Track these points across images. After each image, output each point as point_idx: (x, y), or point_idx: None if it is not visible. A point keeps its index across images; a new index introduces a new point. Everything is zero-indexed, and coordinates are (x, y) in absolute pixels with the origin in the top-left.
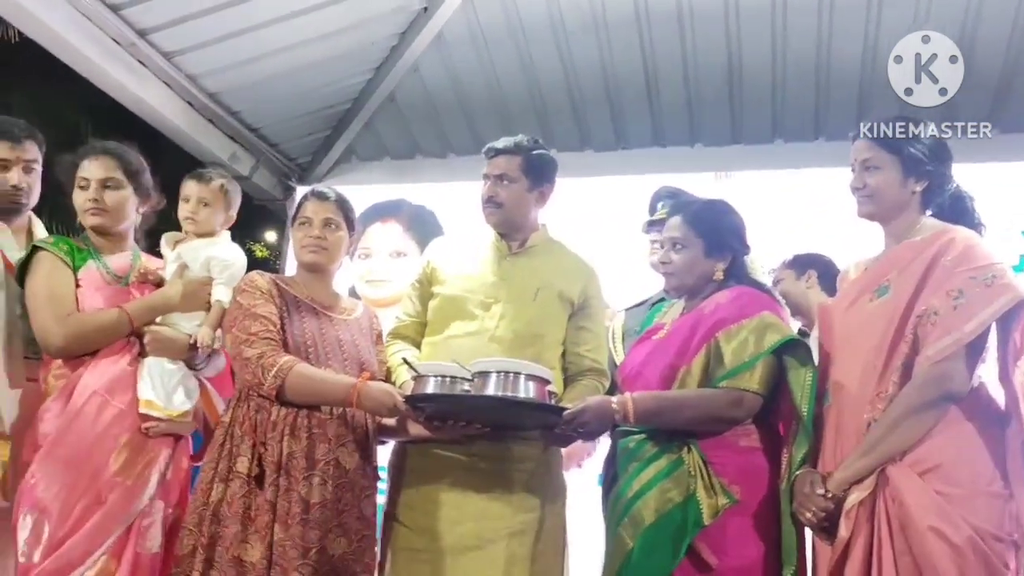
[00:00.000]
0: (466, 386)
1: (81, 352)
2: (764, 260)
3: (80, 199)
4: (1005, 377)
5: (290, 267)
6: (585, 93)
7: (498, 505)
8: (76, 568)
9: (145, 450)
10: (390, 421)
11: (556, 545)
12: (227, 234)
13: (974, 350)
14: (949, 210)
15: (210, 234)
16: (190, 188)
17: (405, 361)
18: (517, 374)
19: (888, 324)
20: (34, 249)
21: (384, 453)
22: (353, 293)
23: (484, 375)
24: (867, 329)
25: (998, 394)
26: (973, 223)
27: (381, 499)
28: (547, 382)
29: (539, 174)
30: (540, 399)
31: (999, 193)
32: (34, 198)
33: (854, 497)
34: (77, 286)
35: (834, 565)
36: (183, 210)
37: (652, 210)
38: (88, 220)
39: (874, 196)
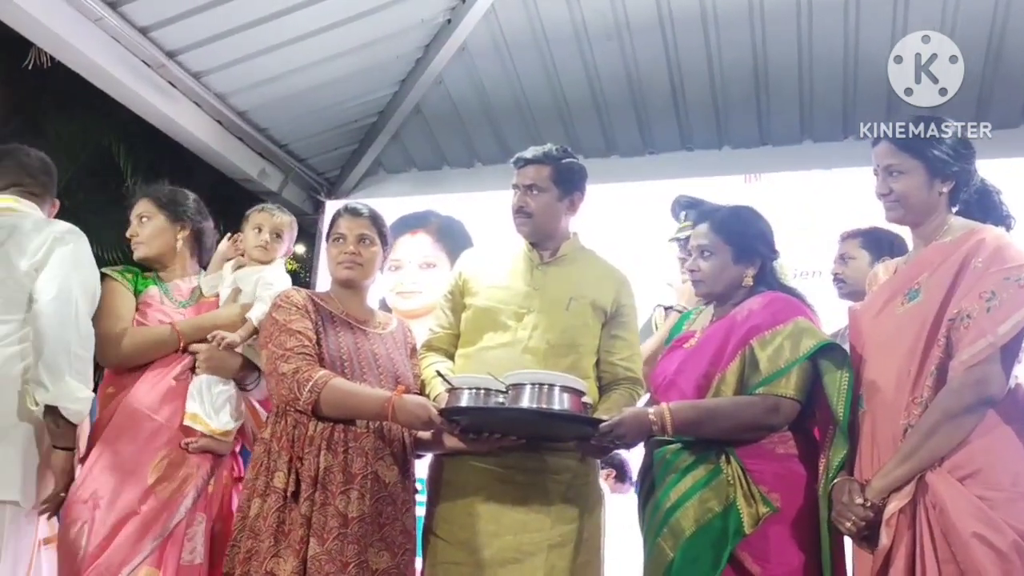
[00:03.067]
0: (500, 398)
1: (134, 364)
2: (796, 263)
3: (130, 232)
4: None
5: (321, 281)
6: (610, 98)
7: (536, 517)
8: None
9: (184, 464)
10: (425, 434)
11: (595, 555)
12: (281, 262)
13: (1009, 352)
14: (976, 205)
15: (271, 262)
16: (264, 219)
17: (439, 374)
18: (552, 386)
19: (920, 328)
20: (103, 276)
21: (421, 467)
22: (384, 305)
23: (519, 387)
24: (899, 334)
25: None
26: (1002, 216)
27: (420, 511)
28: (582, 393)
29: (569, 183)
30: (575, 411)
31: None
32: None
33: (894, 505)
34: (137, 308)
35: (876, 574)
36: (256, 239)
37: (676, 218)
38: (136, 253)
39: (901, 201)
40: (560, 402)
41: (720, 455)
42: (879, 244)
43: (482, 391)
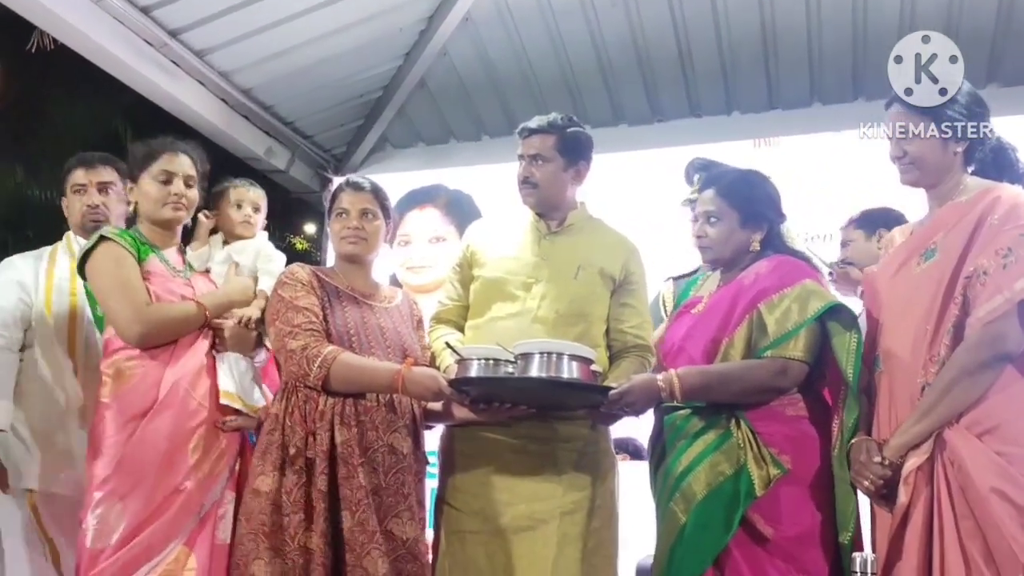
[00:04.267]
0: (510, 368)
1: (159, 342)
2: (808, 226)
3: (160, 192)
4: None
5: (331, 259)
6: (616, 66)
7: (548, 486)
8: (154, 556)
9: (218, 442)
10: (436, 405)
11: (609, 522)
12: (265, 234)
13: None
14: (992, 164)
15: (254, 236)
16: (242, 194)
17: (448, 345)
18: (560, 354)
19: (937, 287)
20: (100, 239)
21: (432, 438)
22: (394, 281)
23: (527, 356)
24: (916, 293)
25: None
26: (1018, 174)
27: (432, 483)
28: (591, 361)
29: (574, 152)
30: (584, 379)
31: None
32: (114, 217)
33: (912, 462)
34: (144, 278)
35: (894, 531)
36: (239, 215)
37: (689, 182)
38: (168, 214)
39: (916, 163)
40: (569, 370)
41: (730, 419)
42: (871, 220)
43: (491, 361)
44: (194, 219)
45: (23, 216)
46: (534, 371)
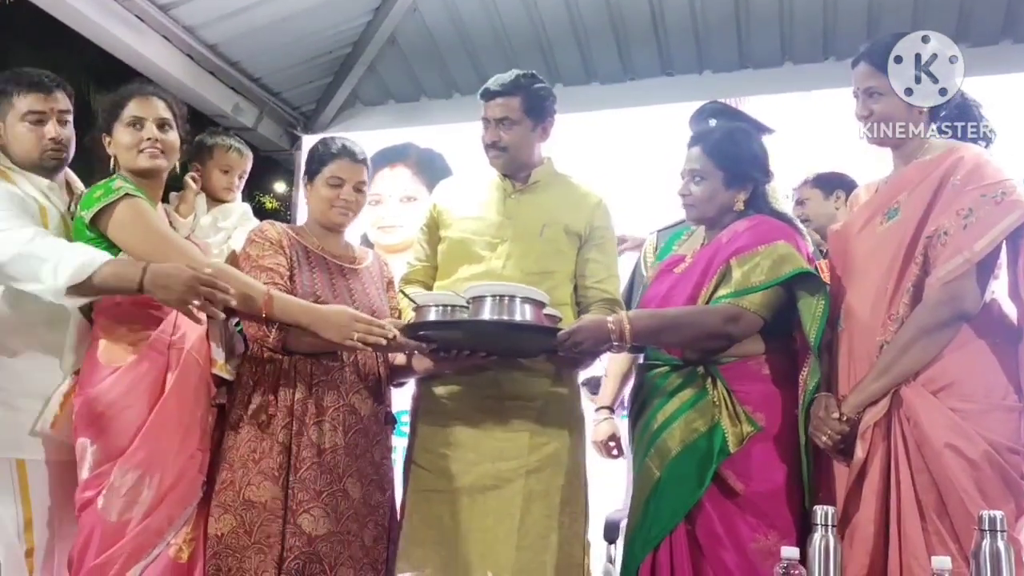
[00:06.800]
0: (466, 315)
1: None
2: (782, 186)
3: (133, 138)
4: (1015, 293)
5: (302, 219)
6: (588, 24)
7: (513, 445)
8: (174, 521)
9: (210, 412)
10: (400, 359)
11: (575, 477)
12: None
13: (985, 268)
14: (956, 119)
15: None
16: (234, 161)
17: (403, 293)
18: (512, 297)
19: (898, 246)
20: (125, 195)
21: (403, 398)
22: (365, 240)
23: (479, 300)
24: (878, 252)
25: (1010, 310)
26: (980, 133)
27: (400, 442)
28: (543, 304)
29: (540, 110)
30: (535, 321)
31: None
32: (71, 151)
33: (868, 418)
34: None
35: (851, 485)
36: (225, 180)
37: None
38: (145, 161)
39: (883, 122)
40: (521, 312)
41: (706, 377)
42: (828, 181)
43: (445, 307)
44: (180, 176)
45: None
46: (485, 314)
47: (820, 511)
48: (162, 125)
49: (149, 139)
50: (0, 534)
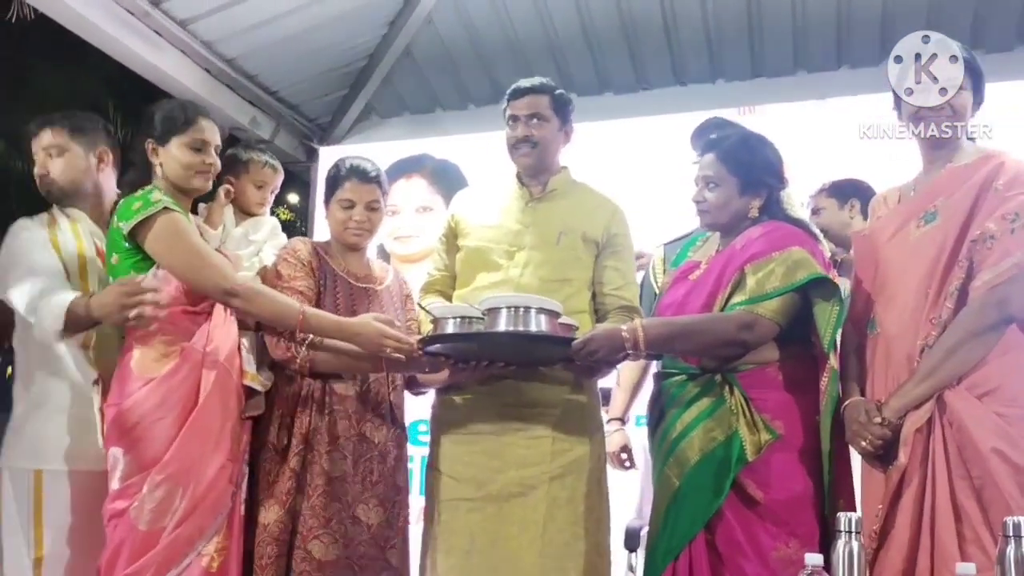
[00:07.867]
0: (482, 326)
1: (241, 309)
2: (797, 194)
3: (194, 159)
4: None
5: (318, 230)
6: (602, 34)
7: (536, 451)
8: (205, 531)
9: (242, 424)
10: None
11: (597, 484)
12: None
13: None
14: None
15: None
16: (268, 176)
17: (420, 306)
18: (527, 308)
19: (939, 250)
20: (163, 209)
21: (423, 406)
22: (382, 250)
23: (494, 311)
24: (916, 256)
25: None
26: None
27: (419, 451)
28: (558, 314)
29: (565, 112)
30: (549, 331)
31: None
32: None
33: (911, 423)
34: None
35: (893, 491)
36: (256, 195)
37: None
38: (199, 183)
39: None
40: (536, 324)
41: (723, 385)
42: (843, 190)
43: (461, 320)
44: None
45: (6, 188)
46: (501, 326)
47: (844, 518)
48: (217, 151)
49: (208, 163)
50: (8, 542)
